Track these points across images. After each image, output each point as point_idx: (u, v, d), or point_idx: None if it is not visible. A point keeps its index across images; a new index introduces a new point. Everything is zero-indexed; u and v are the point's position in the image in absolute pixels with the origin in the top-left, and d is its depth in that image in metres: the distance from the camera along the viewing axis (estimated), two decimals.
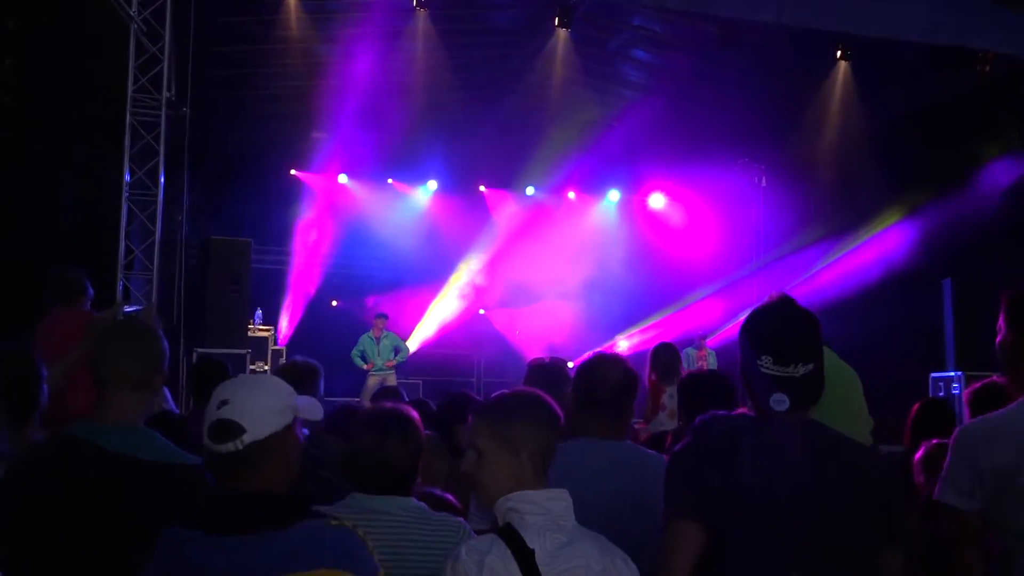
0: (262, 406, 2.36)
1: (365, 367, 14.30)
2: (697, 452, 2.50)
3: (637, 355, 14.49)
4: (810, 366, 2.47)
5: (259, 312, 14.12)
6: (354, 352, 14.47)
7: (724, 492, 2.39)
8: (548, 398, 2.65)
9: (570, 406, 3.30)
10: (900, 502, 2.50)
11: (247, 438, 2.31)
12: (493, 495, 2.51)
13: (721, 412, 2.60)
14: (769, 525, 2.36)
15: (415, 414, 3.10)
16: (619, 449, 3.31)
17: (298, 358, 4.73)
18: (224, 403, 2.34)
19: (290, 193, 16.69)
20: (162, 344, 2.97)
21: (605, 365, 3.39)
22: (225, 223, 14.22)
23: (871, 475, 2.46)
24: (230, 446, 2.30)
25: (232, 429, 2.31)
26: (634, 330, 17.49)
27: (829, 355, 4.80)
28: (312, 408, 2.49)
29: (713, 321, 15.40)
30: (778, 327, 2.52)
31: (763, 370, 2.46)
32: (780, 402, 2.45)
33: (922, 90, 13.13)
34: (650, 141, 16.20)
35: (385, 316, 14.78)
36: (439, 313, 17.68)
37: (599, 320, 17.02)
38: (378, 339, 14.59)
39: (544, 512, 2.44)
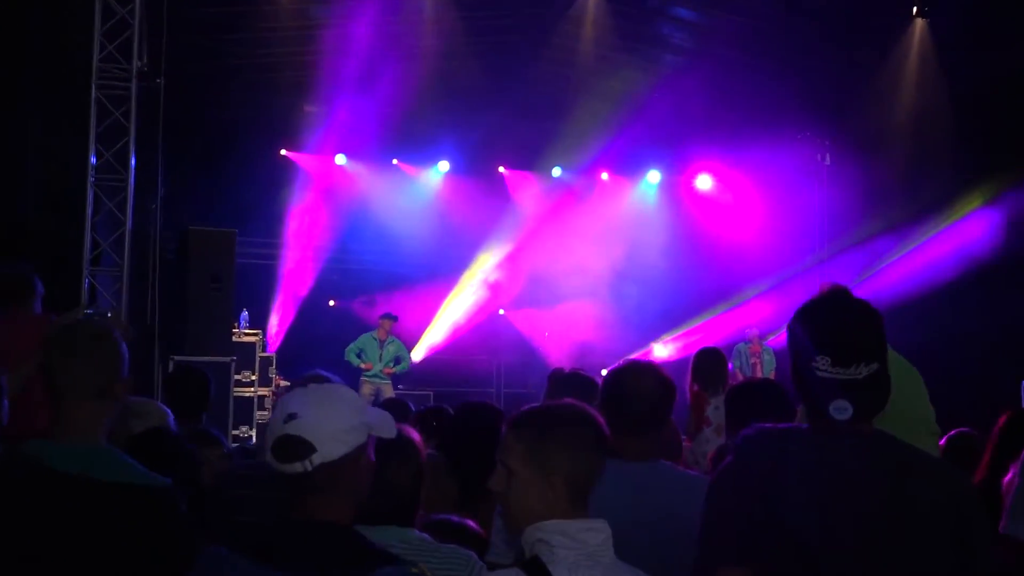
0: (335, 422, 2.39)
1: (361, 366, 14.38)
2: (738, 478, 2.47)
3: (678, 363, 14.50)
4: (875, 366, 2.42)
5: (245, 314, 14.20)
6: (350, 348, 14.55)
7: (773, 529, 2.35)
8: (594, 414, 2.66)
9: None
10: (989, 541, 2.42)
11: (317, 459, 2.34)
12: (521, 522, 2.53)
13: (767, 424, 2.55)
14: (831, 568, 2.32)
15: (415, 435, 3.13)
16: (653, 472, 3.33)
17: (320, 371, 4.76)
18: (292, 417, 2.37)
19: (280, 176, 16.75)
20: (120, 346, 2.98)
21: (636, 375, 3.41)
22: (206, 211, 14.27)
23: (959, 505, 2.37)
24: (297, 466, 2.33)
25: (301, 447, 2.34)
26: (675, 334, 17.47)
27: (894, 356, 4.81)
28: (386, 425, 2.53)
29: (766, 323, 15.37)
30: (836, 321, 2.48)
31: (819, 373, 2.42)
32: (842, 410, 2.40)
33: (1012, 54, 13.05)
34: (696, 114, 16.17)
35: (394, 318, 14.84)
36: (452, 313, 17.72)
37: (635, 322, 17.00)
38: (382, 342, 14.66)
39: (578, 545, 2.44)
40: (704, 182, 18.64)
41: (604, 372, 3.92)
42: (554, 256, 17.60)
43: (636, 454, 3.29)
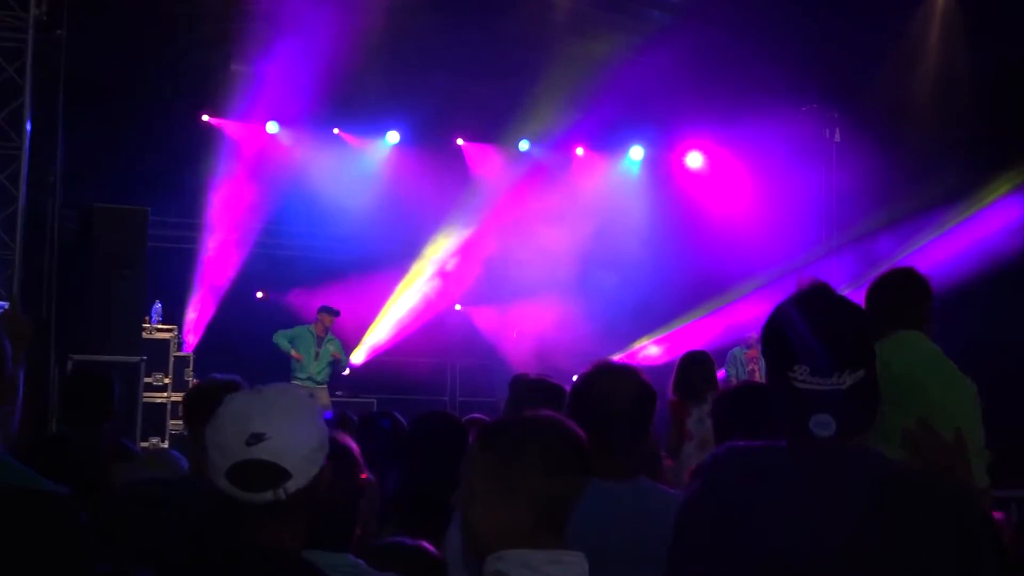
0: (306, 441, 2.40)
1: (292, 355, 14.37)
2: (706, 506, 2.47)
3: (662, 367, 14.58)
4: (860, 373, 2.41)
5: (158, 306, 14.14)
6: (280, 335, 14.52)
7: (744, 563, 2.35)
8: (575, 429, 2.67)
9: None
10: (995, 559, 2.39)
11: (292, 485, 2.35)
12: (482, 548, 2.55)
13: (740, 443, 2.55)
14: None
15: (353, 444, 3.15)
16: (633, 491, 3.35)
17: (218, 376, 4.77)
18: (258, 438, 2.35)
19: (201, 146, 16.65)
20: (2, 341, 3.00)
21: (611, 379, 3.43)
22: (113, 186, 14.19)
23: (960, 521, 2.35)
24: (268, 495, 2.33)
25: (272, 474, 2.34)
26: (657, 335, 17.56)
27: (940, 362, 4.86)
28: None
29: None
30: (813, 324, 2.45)
31: (798, 384, 2.41)
32: (824, 425, 2.39)
33: None
34: (686, 82, 16.18)
35: (335, 312, 14.84)
36: (400, 308, 17.73)
37: (612, 320, 17.05)
38: (320, 339, 14.66)
39: None
40: (694, 160, 18.71)
41: (575, 378, 3.93)
42: (520, 243, 17.62)
43: (611, 472, 3.29)
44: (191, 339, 15.78)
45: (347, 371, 15.86)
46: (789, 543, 2.33)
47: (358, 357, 16.91)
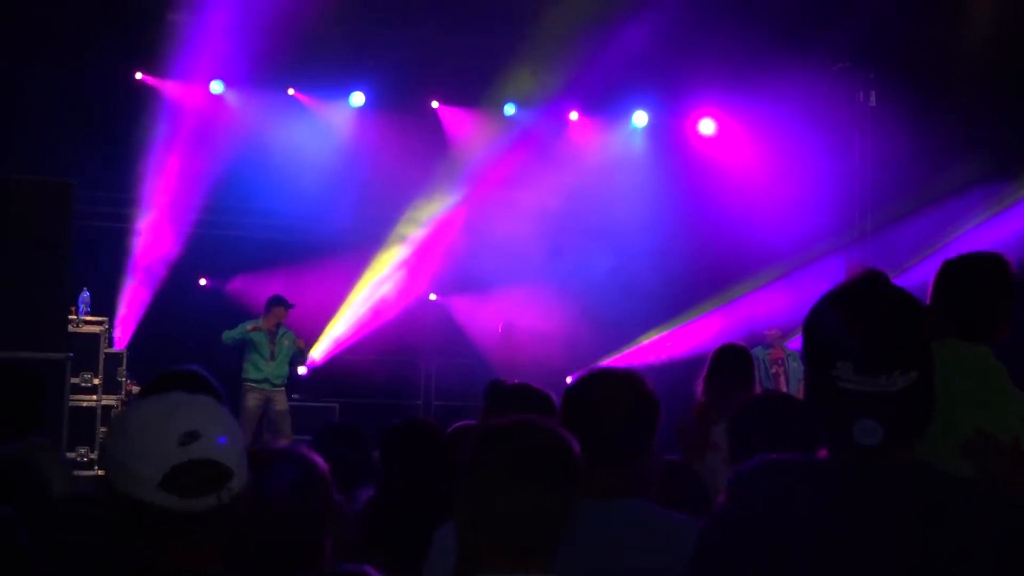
0: (237, 436, 2.46)
1: (248, 329, 14.56)
2: (732, 528, 2.49)
3: (664, 367, 14.60)
4: (912, 375, 2.42)
5: (86, 295, 14.11)
6: (230, 333, 14.56)
7: None
8: (566, 439, 2.70)
9: None
10: None
11: (235, 486, 2.39)
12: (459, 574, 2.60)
13: (772, 456, 2.57)
14: None
15: (319, 459, 3.17)
16: (627, 513, 3.36)
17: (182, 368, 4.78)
18: (192, 436, 2.39)
19: (134, 109, 16.59)
20: None
21: (605, 386, 3.45)
22: (30, 155, 14.16)
23: (1016, 541, 2.36)
24: (211, 500, 2.37)
25: (215, 474, 2.38)
26: (663, 331, 17.58)
27: (977, 354, 4.80)
28: None
29: (788, 320, 15.50)
30: (863, 316, 2.48)
31: (841, 384, 2.42)
32: (870, 432, 2.40)
33: None
34: (698, 37, 16.23)
35: (288, 304, 14.86)
36: (366, 299, 17.73)
37: (614, 311, 17.07)
38: (272, 333, 14.66)
39: None
40: (706, 128, 18.70)
41: (569, 380, 3.94)
42: (505, 222, 17.60)
43: (604, 491, 3.32)
44: (124, 334, 15.72)
45: (303, 370, 15.83)
46: (827, 570, 2.35)
47: (316, 354, 16.88)
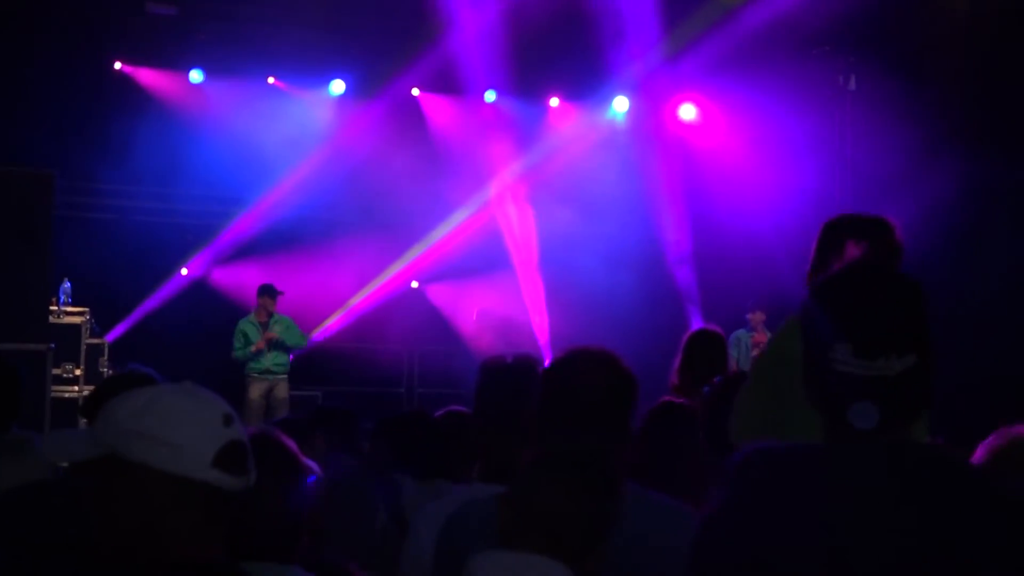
0: None
1: (251, 351, 14.47)
2: (729, 517, 2.47)
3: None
4: (910, 359, 2.40)
5: (67, 284, 14.06)
6: (237, 352, 14.60)
7: None
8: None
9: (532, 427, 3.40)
10: None
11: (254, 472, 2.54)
12: None
13: (765, 443, 2.54)
14: None
15: (292, 443, 3.19)
16: None
17: (135, 367, 4.77)
18: (230, 419, 2.52)
19: (115, 99, 16.60)
20: None
21: (582, 365, 3.43)
22: (12, 145, 14.10)
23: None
24: (246, 480, 2.52)
25: (248, 455, 2.54)
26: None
27: None
28: None
29: (769, 304, 15.54)
30: (862, 300, 2.46)
31: (838, 367, 2.41)
32: (865, 415, 2.39)
33: None
34: (677, 19, 16.21)
35: (276, 292, 14.86)
36: (348, 287, 17.69)
37: (592, 298, 17.04)
38: (264, 324, 14.68)
39: None
40: (688, 112, 18.68)
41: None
42: (485, 210, 17.58)
43: None
44: (106, 323, 15.65)
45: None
46: (829, 559, 2.32)
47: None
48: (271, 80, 17.72)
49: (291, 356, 15.32)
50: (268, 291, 14.89)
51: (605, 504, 2.79)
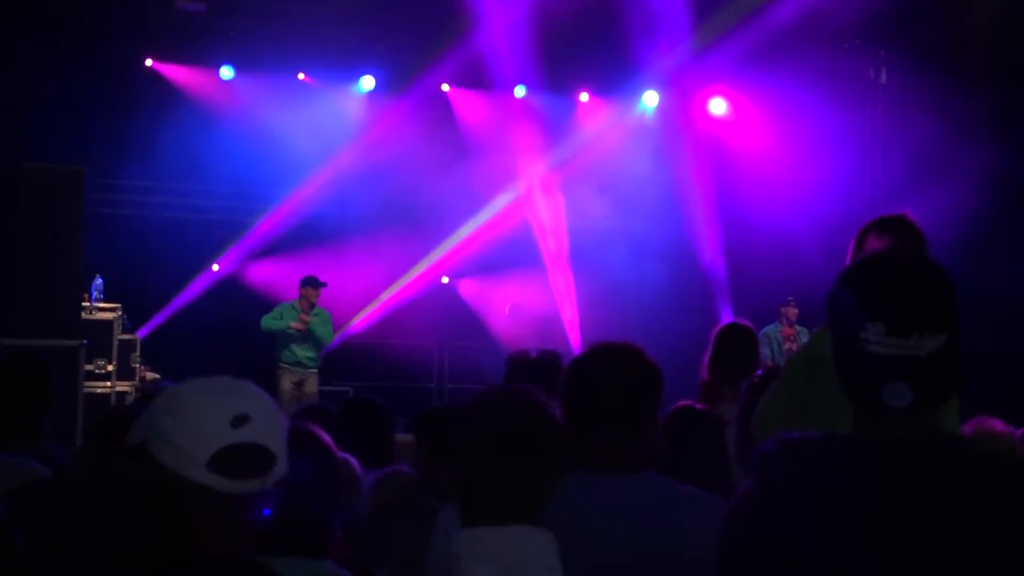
0: (284, 425, 2.54)
1: (291, 327, 14.64)
2: (761, 510, 2.44)
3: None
4: (941, 338, 2.39)
5: (98, 281, 14.09)
6: (268, 319, 14.63)
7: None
8: (538, 415, 2.85)
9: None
10: None
11: (277, 473, 2.46)
12: None
13: (792, 435, 2.52)
14: None
15: (326, 436, 3.20)
16: (636, 486, 3.37)
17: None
18: (243, 420, 2.45)
19: (146, 96, 16.63)
20: None
21: (608, 359, 3.45)
22: (45, 143, 14.15)
23: None
24: (255, 484, 2.44)
25: (263, 458, 2.44)
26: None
27: None
28: None
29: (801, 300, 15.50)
30: (894, 280, 2.46)
31: (870, 347, 2.39)
32: (899, 394, 2.37)
33: None
34: (706, 14, 16.15)
35: (320, 283, 15.00)
36: (379, 283, 17.69)
37: (622, 293, 17.01)
38: (305, 314, 14.77)
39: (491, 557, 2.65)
40: (718, 106, 18.63)
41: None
42: (516, 205, 17.56)
43: (612, 461, 3.34)
44: (138, 319, 15.69)
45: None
46: (865, 551, 2.30)
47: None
48: (301, 76, 17.71)
49: (323, 351, 15.40)
50: (312, 282, 15.03)
51: (546, 467, 2.86)
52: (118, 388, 13.26)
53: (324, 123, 17.43)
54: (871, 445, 2.40)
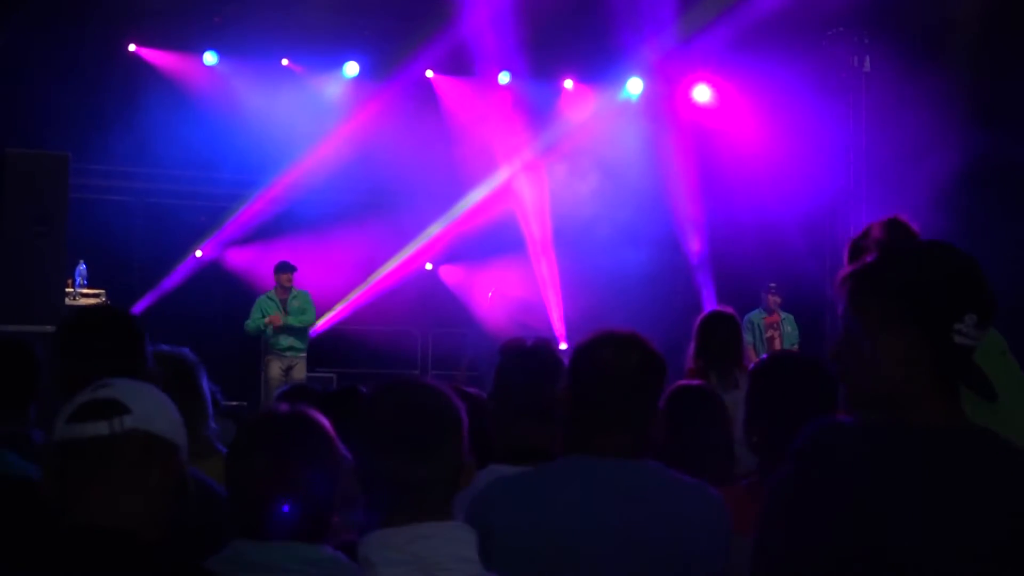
0: (159, 402, 2.57)
1: (265, 322, 14.54)
2: (814, 493, 2.40)
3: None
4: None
5: (82, 267, 14.05)
6: (249, 323, 14.61)
7: (871, 563, 2.32)
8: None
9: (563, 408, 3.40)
10: None
11: (130, 421, 2.46)
12: None
13: (833, 419, 2.52)
14: None
15: (324, 420, 3.14)
16: (637, 473, 3.36)
17: (163, 347, 4.77)
18: (103, 386, 2.53)
19: (129, 81, 16.59)
20: None
21: (612, 346, 3.43)
22: (26, 128, 14.10)
23: None
24: (101, 426, 2.45)
25: (111, 406, 2.47)
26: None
27: None
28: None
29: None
30: (975, 270, 2.45)
31: (959, 339, 2.37)
32: (983, 386, 2.42)
33: None
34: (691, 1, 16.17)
35: (292, 268, 14.93)
36: (361, 270, 17.67)
37: (606, 282, 17.01)
38: (284, 301, 14.75)
39: (407, 559, 2.65)
40: (702, 93, 18.61)
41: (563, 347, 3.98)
42: (500, 192, 17.55)
43: (615, 448, 3.33)
44: (121, 305, 15.67)
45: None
46: (912, 541, 2.31)
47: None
48: (285, 62, 17.66)
49: (311, 334, 15.42)
50: (284, 268, 15.07)
51: (443, 463, 2.86)
52: None
53: (308, 109, 17.39)
54: (927, 435, 2.38)
